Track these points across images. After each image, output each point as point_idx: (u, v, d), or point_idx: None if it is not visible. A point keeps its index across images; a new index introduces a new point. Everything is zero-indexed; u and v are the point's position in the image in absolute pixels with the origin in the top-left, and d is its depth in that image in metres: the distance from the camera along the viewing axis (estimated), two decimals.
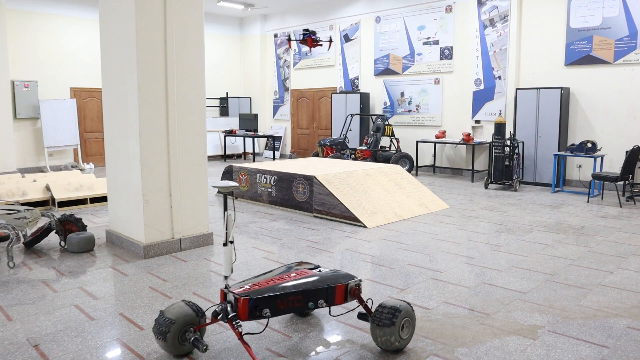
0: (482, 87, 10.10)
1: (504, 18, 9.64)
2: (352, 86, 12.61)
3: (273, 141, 12.83)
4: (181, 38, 4.83)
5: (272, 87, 14.83)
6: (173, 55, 4.77)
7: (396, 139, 10.90)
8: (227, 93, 14.99)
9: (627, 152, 7.48)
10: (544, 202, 7.60)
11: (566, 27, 8.97)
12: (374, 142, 10.92)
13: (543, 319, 3.36)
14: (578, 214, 6.75)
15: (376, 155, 10.78)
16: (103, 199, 7.36)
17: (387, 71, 11.78)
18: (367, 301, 3.09)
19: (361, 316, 3.06)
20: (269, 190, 7.28)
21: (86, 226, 5.30)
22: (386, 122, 10.89)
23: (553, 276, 4.24)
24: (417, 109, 11.32)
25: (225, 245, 2.73)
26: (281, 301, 2.73)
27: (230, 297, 2.71)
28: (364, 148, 10.92)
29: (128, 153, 4.86)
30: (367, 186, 6.78)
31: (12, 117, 10.84)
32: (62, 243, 5.15)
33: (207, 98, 13.90)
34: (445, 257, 4.78)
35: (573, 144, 8.32)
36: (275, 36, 14.50)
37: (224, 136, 13.84)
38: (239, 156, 14.63)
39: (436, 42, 10.85)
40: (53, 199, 7.10)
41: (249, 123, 13.47)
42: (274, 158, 13.30)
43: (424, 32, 11.03)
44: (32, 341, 3.04)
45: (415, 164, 10.88)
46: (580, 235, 5.63)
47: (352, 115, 11.48)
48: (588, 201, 7.72)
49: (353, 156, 10.96)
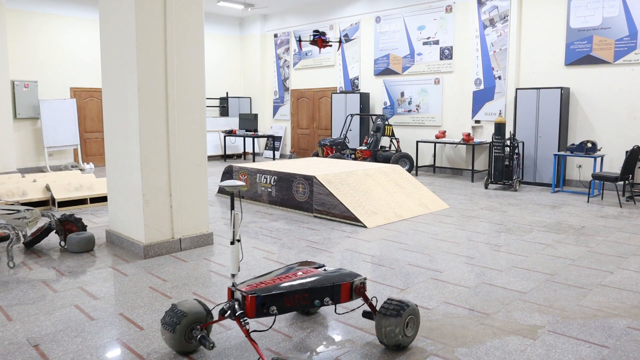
0: (482, 87, 10.10)
1: (504, 18, 9.65)
2: (352, 86, 12.61)
3: (273, 141, 12.82)
4: (181, 38, 4.84)
5: (272, 87, 14.83)
6: (173, 55, 4.78)
7: (396, 139, 10.90)
8: (227, 93, 14.99)
9: (627, 152, 7.48)
10: (544, 202, 7.60)
11: (566, 27, 8.98)
12: (374, 142, 10.91)
13: (543, 319, 3.36)
14: (578, 214, 6.75)
15: (376, 155, 10.78)
16: (103, 199, 7.36)
17: (387, 71, 11.78)
18: (372, 299, 3.11)
19: (366, 314, 3.09)
20: (269, 190, 7.28)
21: (86, 226, 5.30)
22: (386, 122, 10.89)
23: (553, 276, 4.24)
24: (417, 109, 11.32)
25: (232, 243, 2.76)
26: (288, 299, 2.76)
27: (237, 295, 2.73)
28: (364, 148, 10.92)
29: (128, 153, 4.86)
30: (367, 186, 6.78)
31: (12, 117, 10.85)
32: (62, 243, 5.15)
33: (207, 98, 13.91)
34: (445, 257, 4.79)
35: (573, 144, 8.32)
36: (275, 36, 14.50)
37: (224, 136, 13.84)
38: (239, 156, 14.63)
39: (436, 42, 10.85)
40: (53, 199, 7.10)
41: (249, 123, 13.47)
42: (274, 158, 13.31)
43: (424, 32, 11.03)
44: (32, 341, 3.04)
45: (415, 164, 10.88)
46: (580, 235, 5.63)
47: (352, 115, 11.48)
48: (588, 201, 7.72)
49: (353, 156, 10.96)
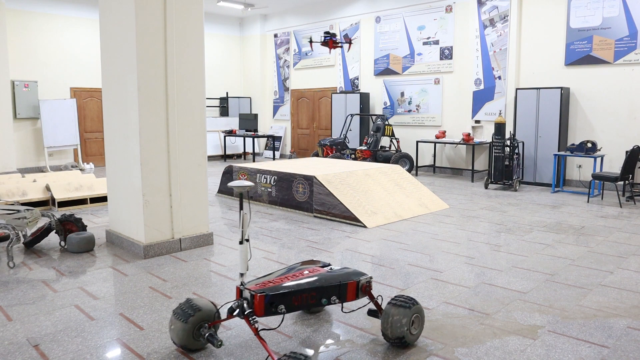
0: (482, 87, 10.10)
1: (504, 18, 9.64)
2: (352, 86, 12.61)
3: (273, 141, 12.82)
4: (181, 38, 4.83)
5: (272, 87, 14.83)
6: (173, 55, 4.78)
7: (396, 139, 10.90)
8: (227, 93, 14.99)
9: (627, 152, 7.48)
10: (544, 202, 7.60)
11: (566, 27, 8.97)
12: (374, 142, 10.91)
13: (543, 319, 3.36)
14: (578, 214, 6.75)
15: (376, 155, 10.77)
16: (103, 199, 7.36)
17: (387, 71, 11.78)
18: (377, 298, 3.14)
19: (371, 312, 3.13)
20: (269, 190, 7.28)
21: (86, 226, 5.30)
22: (386, 122, 10.89)
23: (553, 276, 4.24)
24: (417, 109, 11.32)
25: (241, 243, 2.80)
26: (295, 298, 2.79)
27: (246, 294, 2.76)
28: (364, 148, 10.92)
29: (128, 153, 4.86)
30: (367, 186, 6.78)
31: (12, 117, 10.85)
32: (62, 243, 5.15)
33: (207, 98, 13.91)
34: (445, 257, 4.79)
35: (573, 144, 8.32)
36: (275, 36, 14.50)
37: (224, 136, 13.84)
38: (239, 156, 14.63)
39: (436, 42, 10.85)
40: (53, 199, 7.10)
41: (249, 123, 13.47)
42: (274, 158, 13.30)
43: (424, 32, 11.03)
44: (32, 341, 3.04)
45: (415, 164, 10.88)
46: (580, 235, 5.63)
47: (352, 115, 11.48)
48: (588, 201, 7.72)
49: (353, 156, 10.96)
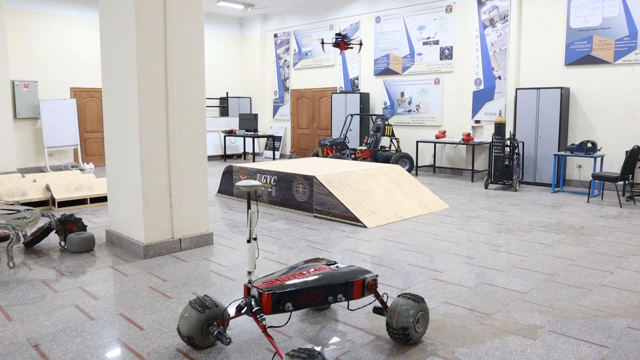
0: (482, 87, 10.10)
1: (504, 18, 9.64)
2: (352, 86, 12.61)
3: (273, 141, 12.82)
4: (181, 38, 4.83)
5: (272, 87, 14.83)
6: (173, 55, 4.78)
7: (396, 139, 10.90)
8: (227, 93, 14.99)
9: (627, 152, 7.48)
10: (544, 202, 7.60)
11: (566, 27, 8.97)
12: (374, 142, 10.91)
13: (543, 319, 3.36)
14: (578, 214, 6.75)
15: (376, 155, 10.77)
16: (103, 199, 7.36)
17: (387, 71, 11.78)
18: (383, 296, 3.16)
19: (376, 310, 3.15)
20: (269, 190, 7.28)
21: (86, 226, 5.30)
22: (386, 122, 10.89)
23: (553, 276, 4.24)
24: (417, 109, 11.32)
25: (249, 242, 2.82)
26: (302, 296, 2.81)
27: (254, 292, 2.78)
28: (364, 148, 10.92)
29: (128, 153, 4.86)
30: (367, 186, 6.78)
31: (12, 117, 10.85)
32: (62, 243, 5.15)
33: (207, 98, 13.91)
34: (445, 257, 4.79)
35: (573, 144, 8.32)
36: (275, 36, 14.50)
37: (224, 136, 13.84)
38: (239, 156, 14.63)
39: (436, 42, 10.85)
40: (53, 199, 7.10)
41: (249, 123, 13.47)
42: (274, 158, 13.30)
43: (424, 32, 11.03)
44: (32, 341, 3.04)
45: (415, 164, 10.88)
46: (580, 235, 5.63)
47: (352, 115, 11.48)
48: (588, 201, 7.72)
49: (353, 156, 10.96)
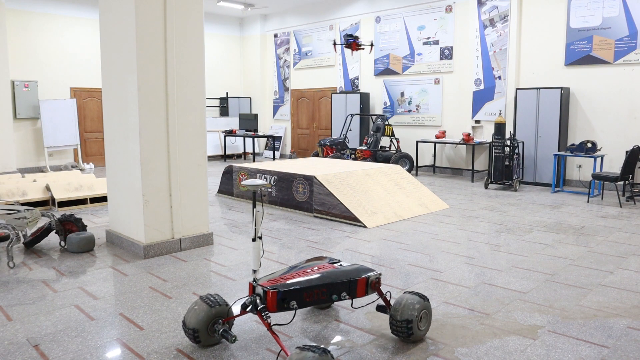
0: (482, 87, 10.10)
1: (504, 18, 9.64)
2: (352, 86, 12.61)
3: (273, 141, 12.82)
4: (181, 38, 4.83)
5: (272, 87, 14.83)
6: (173, 55, 4.78)
7: (396, 139, 10.90)
8: (227, 93, 14.99)
9: (627, 152, 7.48)
10: (544, 202, 7.60)
11: (566, 27, 8.97)
12: (374, 142, 10.91)
13: (543, 319, 3.36)
14: (578, 214, 6.75)
15: (376, 155, 10.77)
16: (103, 199, 7.36)
17: (387, 71, 11.78)
18: (386, 294, 3.17)
19: (380, 308, 3.16)
20: (269, 190, 7.28)
21: (86, 226, 5.30)
22: (386, 122, 10.89)
23: (553, 276, 4.24)
24: (417, 109, 11.31)
25: (254, 240, 2.84)
26: (307, 294, 2.83)
27: (259, 290, 2.79)
28: (364, 148, 10.92)
29: (128, 153, 4.86)
30: (367, 186, 6.78)
31: (12, 117, 10.85)
32: (62, 243, 5.15)
33: (207, 98, 13.91)
34: (445, 257, 4.79)
35: (573, 144, 8.32)
36: (275, 36, 14.50)
37: (224, 136, 13.84)
38: (239, 156, 14.63)
39: (436, 42, 10.85)
40: (53, 199, 7.10)
41: (249, 123, 13.47)
42: (274, 158, 13.30)
43: (424, 32, 11.03)
44: (32, 341, 3.04)
45: (415, 164, 10.88)
46: (580, 235, 5.63)
47: (352, 115, 11.48)
48: (588, 201, 7.72)
49: (353, 156, 10.96)
